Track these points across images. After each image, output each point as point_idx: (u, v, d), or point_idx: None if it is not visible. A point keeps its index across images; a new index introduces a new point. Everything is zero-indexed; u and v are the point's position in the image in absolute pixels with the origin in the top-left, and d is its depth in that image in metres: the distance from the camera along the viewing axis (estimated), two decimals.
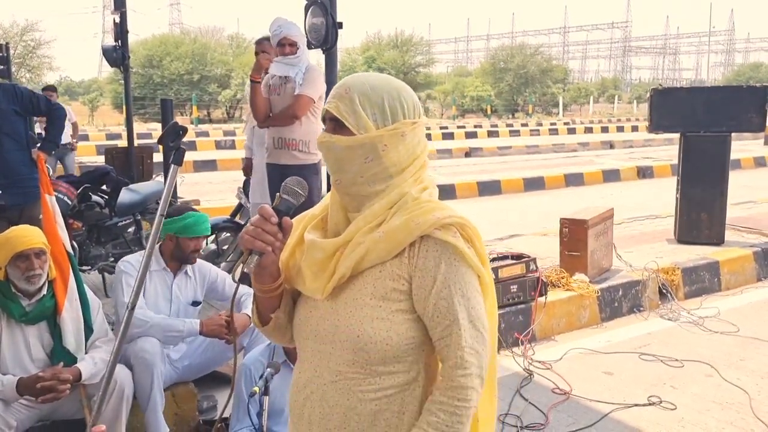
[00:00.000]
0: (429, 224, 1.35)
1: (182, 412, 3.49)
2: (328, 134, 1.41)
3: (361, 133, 1.38)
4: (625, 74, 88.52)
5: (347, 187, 1.42)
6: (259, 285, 1.45)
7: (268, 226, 1.36)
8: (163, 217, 2.16)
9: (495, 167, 15.02)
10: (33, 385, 2.87)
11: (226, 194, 9.88)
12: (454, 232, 1.37)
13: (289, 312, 1.52)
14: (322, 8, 4.30)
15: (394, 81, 1.45)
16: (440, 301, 1.35)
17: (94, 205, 5.72)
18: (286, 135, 4.73)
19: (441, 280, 1.35)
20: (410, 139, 1.41)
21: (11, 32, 34.87)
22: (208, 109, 35.92)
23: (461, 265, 1.36)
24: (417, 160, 1.44)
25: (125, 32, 7.62)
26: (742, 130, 6.80)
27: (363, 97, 1.39)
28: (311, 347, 1.44)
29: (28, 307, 3.01)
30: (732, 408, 3.75)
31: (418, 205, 1.38)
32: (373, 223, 1.38)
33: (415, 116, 1.43)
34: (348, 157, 1.39)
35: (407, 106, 1.42)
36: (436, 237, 1.35)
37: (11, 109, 4.50)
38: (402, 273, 1.37)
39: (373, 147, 1.38)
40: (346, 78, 1.44)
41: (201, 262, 3.69)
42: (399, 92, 1.42)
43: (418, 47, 48.44)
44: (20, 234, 3.02)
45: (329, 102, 1.41)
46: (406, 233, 1.35)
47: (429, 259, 1.36)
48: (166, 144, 2.29)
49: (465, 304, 1.36)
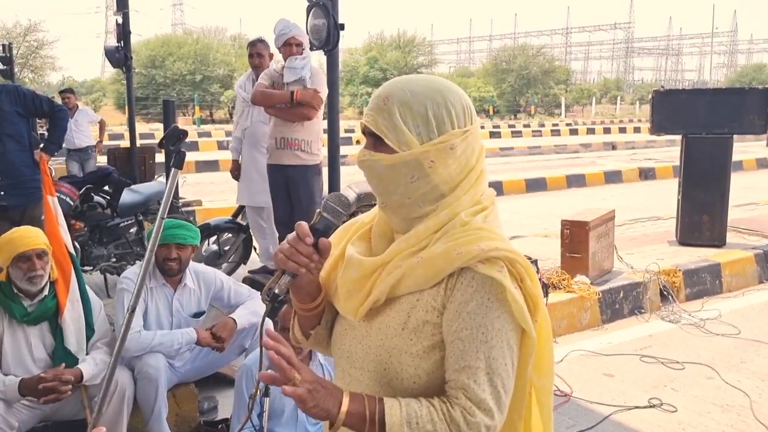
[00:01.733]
0: (471, 255, 1.19)
1: (183, 413, 3.50)
2: (368, 152, 1.26)
3: (403, 149, 1.22)
4: (627, 75, 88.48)
5: (395, 209, 1.28)
6: (298, 303, 1.36)
7: (303, 247, 1.24)
8: (163, 220, 2.17)
9: (497, 168, 15.01)
10: (35, 386, 2.88)
11: (228, 195, 9.88)
12: (501, 267, 1.19)
13: (330, 327, 1.42)
14: (324, 10, 4.31)
15: (438, 83, 1.27)
16: (457, 341, 1.20)
17: (96, 206, 5.74)
18: (288, 135, 4.74)
19: (465, 318, 1.19)
20: (461, 150, 1.24)
21: (14, 32, 34.98)
22: (210, 110, 35.98)
23: (496, 307, 1.19)
24: (472, 172, 1.26)
25: (128, 33, 7.64)
26: (744, 132, 6.79)
27: (403, 107, 1.22)
28: (344, 368, 1.35)
29: (30, 308, 3.02)
30: (733, 410, 3.74)
31: (465, 232, 1.22)
32: (415, 247, 1.24)
33: (466, 123, 1.26)
34: (391, 177, 1.24)
35: (455, 112, 1.24)
36: (477, 270, 1.19)
37: (14, 110, 4.50)
38: (437, 305, 1.22)
39: (419, 164, 1.22)
40: (386, 84, 1.28)
41: (206, 270, 3.63)
42: (445, 97, 1.24)
43: (420, 48, 48.50)
44: (22, 235, 3.03)
45: (367, 114, 1.26)
46: (446, 262, 1.20)
47: (462, 292, 1.20)
48: (166, 147, 2.30)
49: (486, 353, 1.18)
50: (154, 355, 3.20)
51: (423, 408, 1.18)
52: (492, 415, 1.18)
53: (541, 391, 1.32)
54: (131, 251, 5.79)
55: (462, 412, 1.17)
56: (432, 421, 1.17)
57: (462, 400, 1.18)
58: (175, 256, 3.36)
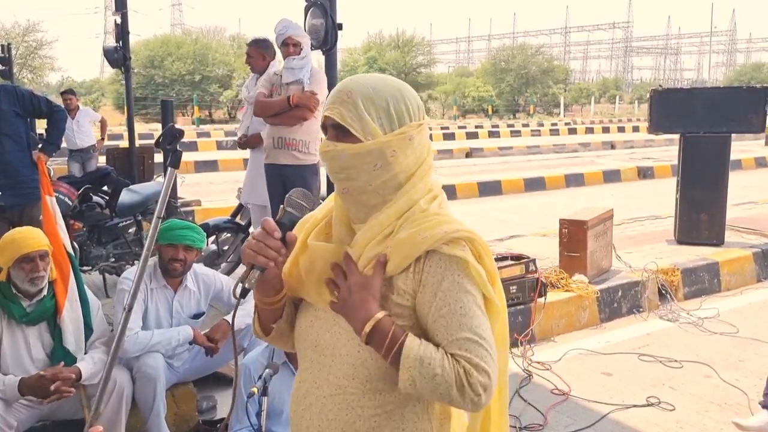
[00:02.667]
0: (436, 238, 1.29)
1: (182, 413, 3.50)
2: (332, 142, 1.34)
3: (368, 139, 1.31)
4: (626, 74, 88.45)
5: (356, 196, 1.35)
6: (262, 297, 1.40)
7: (271, 241, 1.30)
8: (160, 219, 2.17)
9: (496, 167, 15.03)
10: (35, 385, 2.88)
11: (227, 195, 9.88)
12: (463, 246, 1.31)
13: (291, 321, 1.48)
14: (322, 9, 4.31)
15: (395, 81, 1.39)
16: (439, 319, 1.29)
17: (94, 206, 5.74)
18: (286, 135, 4.75)
19: (441, 296, 1.29)
20: (418, 141, 1.36)
21: (13, 33, 34.96)
22: (209, 110, 35.96)
23: (465, 281, 1.29)
24: (425, 163, 1.38)
25: (126, 33, 7.64)
26: (742, 131, 6.80)
27: (367, 100, 1.32)
28: (311, 357, 1.40)
29: (29, 308, 3.03)
30: (731, 409, 3.75)
31: (425, 218, 1.32)
32: (380, 235, 1.32)
33: (420, 117, 1.37)
34: (355, 165, 1.32)
35: (412, 107, 1.36)
36: (443, 252, 1.29)
37: (12, 110, 4.50)
38: (407, 288, 1.31)
39: (382, 153, 1.31)
40: (345, 81, 1.37)
41: (206, 272, 3.64)
42: (403, 93, 1.36)
43: (419, 47, 48.50)
44: (25, 236, 3.03)
45: (330, 108, 1.34)
46: (413, 247, 1.29)
47: (433, 274, 1.30)
48: (163, 147, 2.30)
49: (468, 323, 1.28)
50: (152, 355, 3.20)
51: (438, 353, 1.26)
52: (489, 375, 1.26)
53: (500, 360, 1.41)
54: (130, 251, 5.79)
55: (463, 371, 1.25)
56: (442, 367, 1.24)
57: (462, 362, 1.25)
58: (181, 257, 3.36)
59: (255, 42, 5.41)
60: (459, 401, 1.25)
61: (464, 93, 43.90)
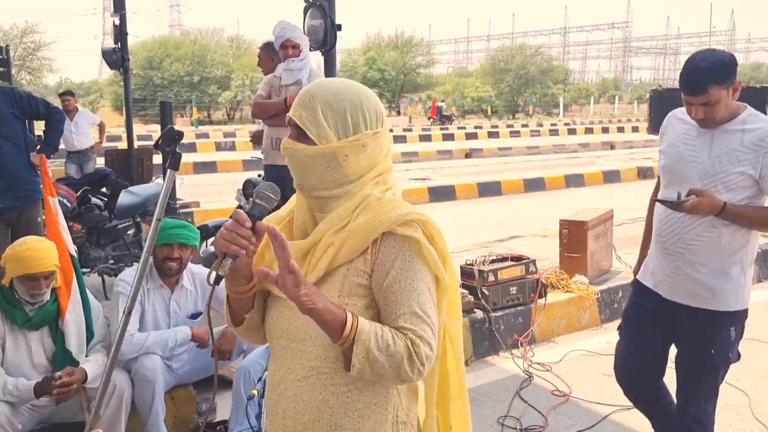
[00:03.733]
0: (392, 221, 1.39)
1: (181, 415, 3.49)
2: (292, 141, 1.45)
3: (322, 143, 1.41)
4: (625, 75, 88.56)
5: (309, 191, 1.46)
6: (233, 287, 1.47)
7: (243, 230, 1.37)
8: (159, 221, 2.16)
9: (495, 168, 15.04)
10: (49, 387, 2.89)
11: (226, 196, 9.87)
12: (416, 228, 1.41)
13: (262, 312, 1.55)
14: (321, 10, 4.31)
15: (357, 88, 1.47)
16: (390, 294, 1.40)
17: (93, 208, 5.74)
18: (284, 135, 4.71)
19: (393, 274, 1.39)
20: (371, 149, 1.44)
21: (11, 34, 34.97)
22: (208, 111, 36.00)
23: (417, 261, 1.40)
24: (378, 166, 1.47)
25: (125, 34, 7.65)
26: None
27: (325, 106, 1.41)
28: (284, 345, 1.48)
29: (31, 313, 3.01)
30: (731, 409, 3.74)
31: (381, 204, 1.43)
32: (338, 225, 1.42)
33: (378, 125, 1.46)
34: (310, 165, 1.43)
35: (369, 116, 1.44)
36: (397, 233, 1.40)
37: (10, 112, 4.49)
38: (366, 269, 1.42)
39: (334, 157, 1.41)
40: (311, 84, 1.47)
41: (201, 271, 3.61)
42: (362, 102, 1.44)
43: (418, 48, 48.56)
44: (35, 255, 2.94)
45: (294, 109, 1.44)
46: (370, 230, 1.40)
47: (387, 254, 1.40)
48: (162, 148, 2.29)
49: (416, 300, 1.39)
50: (150, 357, 3.19)
51: (386, 328, 1.38)
52: (431, 347, 1.39)
53: (453, 333, 1.54)
54: (129, 253, 5.79)
55: (410, 342, 1.36)
56: (393, 339, 1.36)
57: (408, 335, 1.37)
58: (176, 256, 3.34)
59: (265, 45, 5.44)
60: (408, 372, 1.36)
61: (463, 93, 43.98)
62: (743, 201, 2.47)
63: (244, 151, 17.28)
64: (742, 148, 2.44)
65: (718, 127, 2.49)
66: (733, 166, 2.44)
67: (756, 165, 2.42)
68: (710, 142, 2.51)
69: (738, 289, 2.58)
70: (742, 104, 2.53)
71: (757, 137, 2.43)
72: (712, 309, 2.60)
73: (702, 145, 2.53)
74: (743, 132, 2.46)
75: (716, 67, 2.39)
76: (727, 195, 2.45)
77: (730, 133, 2.47)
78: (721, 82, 2.39)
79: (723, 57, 2.43)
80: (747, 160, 2.43)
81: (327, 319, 1.33)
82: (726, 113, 2.47)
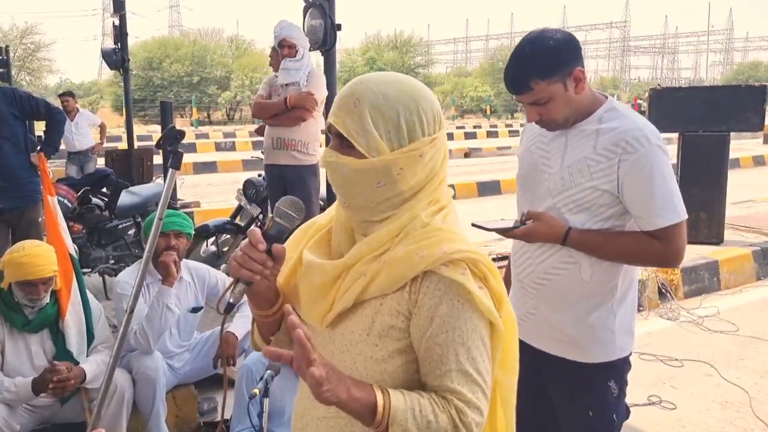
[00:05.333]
0: (434, 259, 1.17)
1: (183, 414, 3.49)
2: (335, 153, 1.23)
3: (372, 155, 1.19)
4: (624, 74, 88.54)
5: (356, 210, 1.26)
6: (256, 310, 1.33)
7: (256, 254, 1.21)
8: (161, 221, 2.17)
9: (494, 167, 15.03)
10: (47, 382, 2.87)
11: (226, 196, 9.89)
12: (464, 268, 1.19)
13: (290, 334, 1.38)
14: (321, 10, 4.31)
15: (411, 87, 1.23)
16: (434, 346, 1.18)
17: (94, 208, 5.74)
18: (285, 135, 4.75)
19: (438, 322, 1.18)
20: (430, 157, 1.22)
21: (11, 35, 35.00)
22: (207, 111, 35.98)
23: (466, 308, 1.18)
24: (435, 177, 1.25)
25: (125, 35, 7.63)
26: (741, 130, 6.80)
27: (375, 111, 1.19)
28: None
29: (30, 315, 3.00)
30: (732, 407, 3.75)
31: (425, 235, 1.20)
32: (378, 251, 1.22)
33: (436, 130, 1.23)
34: (357, 181, 1.21)
35: (427, 120, 1.22)
36: (441, 274, 1.18)
37: (10, 112, 4.49)
38: (402, 309, 1.21)
39: (387, 171, 1.20)
40: (354, 83, 1.23)
41: (199, 266, 3.63)
42: (418, 104, 1.21)
43: (417, 48, 48.57)
44: (33, 262, 2.93)
45: (336, 115, 1.22)
46: (408, 267, 1.18)
47: (430, 297, 1.19)
48: (164, 148, 2.30)
49: (465, 354, 1.18)
50: (152, 357, 3.19)
51: (424, 398, 1.17)
52: (482, 413, 1.19)
53: (506, 387, 1.32)
54: (129, 253, 5.79)
55: (456, 411, 1.17)
56: (434, 413, 1.15)
57: (454, 401, 1.17)
58: (173, 245, 3.33)
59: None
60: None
61: (462, 93, 43.98)
62: (604, 225, 1.89)
63: (244, 151, 17.30)
64: (594, 155, 1.86)
65: (573, 126, 1.92)
66: (584, 180, 1.87)
67: (611, 178, 1.83)
68: (564, 148, 1.94)
69: (608, 336, 1.96)
70: (602, 96, 1.96)
71: (610, 141, 1.84)
72: (580, 361, 1.99)
73: (555, 151, 1.96)
74: (597, 133, 1.87)
75: (540, 56, 1.82)
76: (580, 216, 1.89)
77: (584, 135, 1.90)
78: (547, 76, 1.82)
79: (552, 41, 1.83)
80: (600, 172, 1.84)
81: (354, 408, 1.12)
82: (576, 110, 1.89)
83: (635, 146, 1.80)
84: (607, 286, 1.94)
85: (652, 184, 1.81)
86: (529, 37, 1.88)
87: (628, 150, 1.81)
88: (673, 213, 1.83)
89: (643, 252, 1.88)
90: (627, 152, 1.81)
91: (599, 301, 1.95)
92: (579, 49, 1.90)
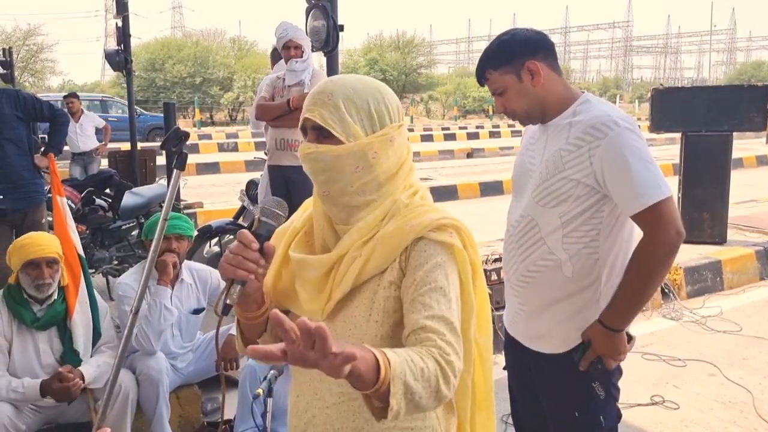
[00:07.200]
0: (423, 226, 1.28)
1: (186, 414, 3.51)
2: (313, 144, 1.32)
3: (350, 141, 1.30)
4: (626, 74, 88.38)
5: (336, 198, 1.34)
6: (244, 313, 1.36)
7: (249, 253, 1.25)
8: (166, 221, 2.18)
9: (497, 167, 15.01)
10: (56, 387, 2.88)
11: (229, 197, 9.90)
12: (451, 232, 1.30)
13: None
14: (323, 11, 4.32)
15: (374, 82, 1.38)
16: (418, 296, 1.25)
17: (97, 209, 5.76)
18: (288, 136, 4.76)
19: (421, 276, 1.26)
20: (398, 143, 1.35)
21: (14, 37, 35.07)
22: (210, 112, 35.98)
23: (449, 265, 1.28)
24: (405, 164, 1.38)
25: (127, 36, 7.66)
26: (744, 129, 6.79)
27: (348, 102, 1.31)
28: (306, 370, 1.28)
29: (39, 313, 3.01)
30: (735, 407, 3.75)
31: (410, 210, 1.32)
32: (367, 236, 1.31)
33: (399, 119, 1.37)
34: (337, 167, 1.31)
35: (392, 108, 1.36)
36: (429, 238, 1.29)
37: (13, 114, 4.50)
38: (394, 279, 1.29)
39: (364, 155, 1.31)
40: (324, 83, 1.35)
41: (200, 267, 3.64)
42: (383, 94, 1.35)
43: (419, 48, 48.54)
44: (34, 242, 2.99)
45: (310, 110, 1.32)
46: (400, 237, 1.28)
47: (417, 258, 1.28)
48: (168, 149, 2.31)
49: (446, 304, 1.25)
50: (155, 357, 3.20)
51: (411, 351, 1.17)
52: (460, 357, 1.23)
53: (483, 347, 1.42)
54: (133, 254, 5.80)
55: (438, 352, 1.19)
56: (423, 360, 1.17)
57: (438, 342, 1.21)
58: (174, 248, 3.35)
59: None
60: (445, 391, 1.18)
61: (465, 93, 43.89)
62: (581, 215, 1.91)
63: (247, 152, 17.32)
64: (566, 145, 1.91)
65: (551, 123, 2.00)
66: (557, 171, 1.92)
67: (583, 166, 1.87)
68: (545, 144, 2.02)
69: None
70: (578, 91, 2.02)
71: (580, 130, 1.89)
72: (562, 352, 2.02)
73: (538, 149, 2.04)
74: (570, 126, 1.93)
75: (493, 48, 1.98)
76: (559, 209, 1.93)
77: (559, 129, 1.96)
78: (499, 66, 1.95)
79: (510, 36, 1.98)
80: (572, 162, 1.89)
81: (362, 371, 1.06)
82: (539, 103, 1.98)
83: (604, 131, 1.84)
84: (589, 279, 1.97)
85: (628, 164, 1.81)
86: (501, 34, 2.03)
87: (597, 136, 1.85)
88: (656, 190, 1.82)
89: (648, 253, 1.88)
90: (597, 138, 1.85)
91: (584, 297, 1.98)
92: (540, 44, 1.98)
